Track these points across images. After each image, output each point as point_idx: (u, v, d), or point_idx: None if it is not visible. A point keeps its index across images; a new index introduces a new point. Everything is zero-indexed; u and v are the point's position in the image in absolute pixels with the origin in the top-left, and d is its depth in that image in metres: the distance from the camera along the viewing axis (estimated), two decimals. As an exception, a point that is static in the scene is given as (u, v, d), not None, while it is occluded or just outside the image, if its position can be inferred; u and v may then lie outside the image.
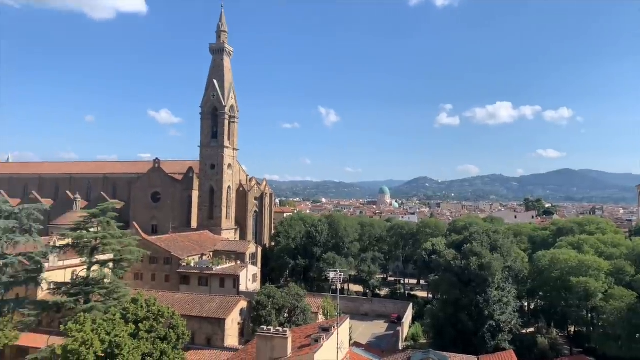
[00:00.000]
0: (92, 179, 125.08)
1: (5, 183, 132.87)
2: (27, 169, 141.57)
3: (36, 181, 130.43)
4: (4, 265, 44.06)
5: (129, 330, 33.00)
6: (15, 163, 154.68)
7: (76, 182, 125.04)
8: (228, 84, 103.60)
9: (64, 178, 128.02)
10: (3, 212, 46.18)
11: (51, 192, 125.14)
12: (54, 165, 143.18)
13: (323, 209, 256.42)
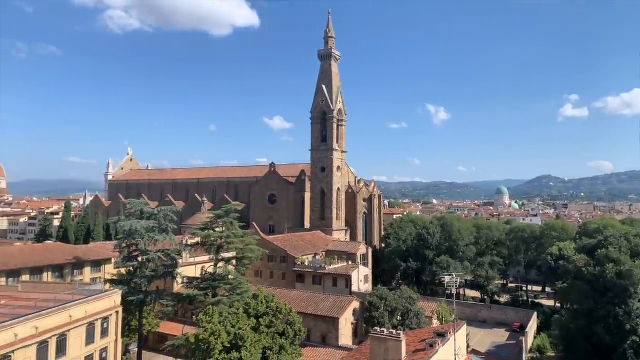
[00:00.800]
0: (216, 183, 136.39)
1: (145, 188, 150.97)
2: (162, 175, 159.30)
3: (170, 186, 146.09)
4: (147, 261, 49.86)
5: (250, 324, 35.22)
6: (153, 170, 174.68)
7: (203, 186, 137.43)
8: (336, 88, 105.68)
9: (193, 182, 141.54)
10: (145, 214, 52.31)
11: (182, 195, 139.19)
12: (185, 171, 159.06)
13: (434, 210, 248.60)
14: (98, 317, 36.23)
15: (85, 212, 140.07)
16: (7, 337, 27.85)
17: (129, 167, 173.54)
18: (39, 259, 54.95)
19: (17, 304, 32.80)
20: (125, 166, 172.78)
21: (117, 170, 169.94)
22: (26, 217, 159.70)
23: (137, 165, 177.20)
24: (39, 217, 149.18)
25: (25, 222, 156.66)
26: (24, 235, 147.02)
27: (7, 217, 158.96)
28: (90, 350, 35.21)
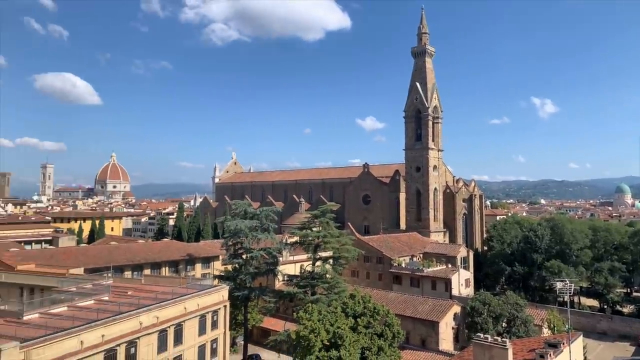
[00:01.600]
0: (312, 184, 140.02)
1: (248, 189, 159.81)
2: (263, 177, 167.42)
3: (270, 187, 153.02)
4: (251, 258, 52.79)
5: (348, 323, 35.61)
6: (255, 173, 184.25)
7: (300, 187, 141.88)
8: (430, 85, 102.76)
9: (291, 184, 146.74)
10: (248, 214, 55.42)
11: (281, 196, 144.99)
12: (283, 173, 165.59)
13: (542, 211, 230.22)
14: (209, 310, 39.12)
15: (196, 212, 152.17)
16: (133, 325, 31.24)
17: (233, 170, 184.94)
18: (158, 255, 60.83)
19: (141, 295, 36.61)
20: (230, 169, 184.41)
21: (223, 174, 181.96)
22: (146, 217, 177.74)
23: (240, 168, 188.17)
24: (157, 217, 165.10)
25: (146, 221, 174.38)
26: (145, 233, 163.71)
27: (131, 217, 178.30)
28: (202, 340, 38.16)
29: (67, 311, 32.18)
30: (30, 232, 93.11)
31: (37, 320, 29.84)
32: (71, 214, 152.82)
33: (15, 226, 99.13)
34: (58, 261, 51.86)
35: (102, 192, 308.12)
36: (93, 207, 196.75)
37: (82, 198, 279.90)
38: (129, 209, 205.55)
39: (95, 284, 40.64)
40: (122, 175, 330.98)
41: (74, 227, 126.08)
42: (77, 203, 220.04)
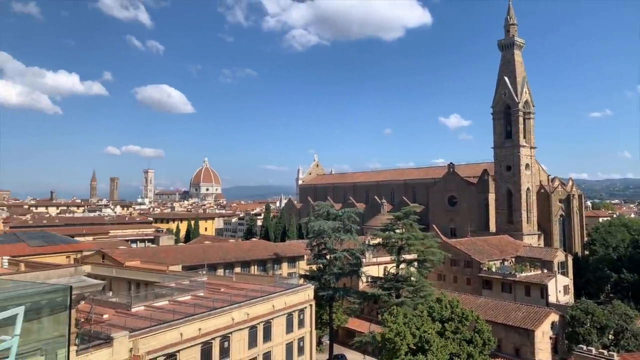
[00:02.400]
0: (394, 185, 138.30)
1: (330, 191, 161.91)
2: (344, 179, 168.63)
3: (351, 188, 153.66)
4: (334, 259, 53.48)
5: (435, 328, 34.72)
6: (336, 174, 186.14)
7: (382, 189, 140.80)
8: (520, 79, 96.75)
9: (372, 185, 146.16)
10: (331, 215, 56.20)
11: (363, 197, 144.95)
12: (364, 174, 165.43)
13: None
14: (295, 309, 40.27)
15: (281, 213, 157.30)
16: (226, 320, 33.11)
17: (315, 172, 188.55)
18: (247, 254, 63.82)
19: (232, 292, 38.68)
20: (312, 171, 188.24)
21: (306, 176, 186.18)
22: (236, 218, 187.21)
23: (322, 170, 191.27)
24: (245, 217, 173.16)
25: (236, 222, 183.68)
26: (235, 233, 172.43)
27: (222, 218, 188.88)
28: (289, 338, 39.38)
29: (168, 305, 34.94)
30: (135, 231, 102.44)
31: (143, 312, 32.75)
32: (169, 215, 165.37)
33: (122, 226, 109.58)
34: (159, 258, 56.46)
35: (196, 195, 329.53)
36: (188, 209, 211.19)
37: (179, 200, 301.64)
38: (220, 210, 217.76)
39: (192, 280, 43.61)
40: (214, 178, 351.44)
41: (172, 227, 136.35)
42: (174, 205, 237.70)
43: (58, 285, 7.14)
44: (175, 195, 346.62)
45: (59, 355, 8.14)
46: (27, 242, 53.25)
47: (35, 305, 6.43)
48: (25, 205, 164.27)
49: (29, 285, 7.53)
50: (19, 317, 4.85)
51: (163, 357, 27.76)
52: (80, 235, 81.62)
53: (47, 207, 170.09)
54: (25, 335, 5.89)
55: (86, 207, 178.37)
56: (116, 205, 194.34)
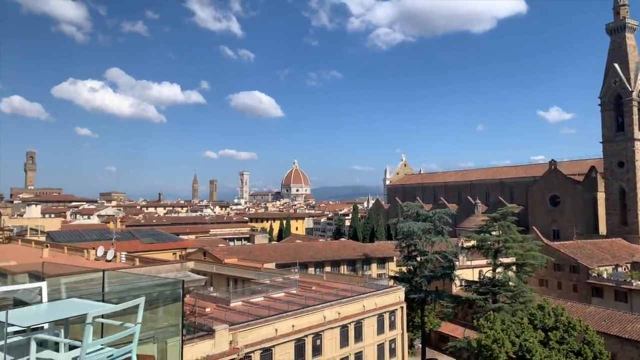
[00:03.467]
0: (489, 185, 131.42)
1: (419, 191, 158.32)
2: (434, 178, 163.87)
3: (442, 188, 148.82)
4: (425, 261, 52.20)
5: (538, 336, 32.46)
6: (425, 174, 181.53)
7: (475, 188, 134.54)
8: (634, 65, 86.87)
9: (465, 185, 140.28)
10: (420, 216, 54.94)
11: (454, 197, 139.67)
12: (455, 174, 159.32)
13: None
14: (386, 310, 39.99)
15: (369, 213, 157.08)
16: (318, 318, 33.86)
17: (403, 172, 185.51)
18: (337, 254, 64.68)
19: (323, 291, 39.44)
20: (400, 171, 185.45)
21: (393, 176, 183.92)
22: (325, 218, 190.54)
23: (410, 170, 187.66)
24: (334, 218, 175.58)
25: (325, 221, 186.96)
26: (324, 232, 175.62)
27: (312, 218, 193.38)
28: (380, 339, 39.20)
29: (263, 301, 36.59)
30: (232, 230, 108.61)
31: (240, 307, 34.66)
32: (263, 215, 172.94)
33: (221, 225, 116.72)
34: (254, 256, 59.31)
35: (287, 195, 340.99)
36: (280, 209, 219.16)
37: (272, 201, 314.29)
38: (309, 210, 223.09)
39: (285, 278, 45.22)
40: (304, 179, 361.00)
41: (266, 227, 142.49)
42: (267, 205, 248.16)
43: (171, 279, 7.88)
44: (268, 196, 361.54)
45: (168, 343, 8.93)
46: (140, 239, 58.82)
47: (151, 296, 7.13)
48: (138, 206, 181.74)
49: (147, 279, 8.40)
50: (140, 306, 5.40)
51: (260, 351, 29.14)
52: (184, 233, 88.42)
53: (156, 207, 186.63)
54: (142, 324, 6.52)
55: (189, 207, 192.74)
56: (215, 205, 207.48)
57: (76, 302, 6.01)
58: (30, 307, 6.25)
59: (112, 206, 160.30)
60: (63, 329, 5.66)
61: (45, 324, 5.65)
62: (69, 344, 5.42)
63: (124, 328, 5.54)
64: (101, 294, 6.59)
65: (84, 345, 4.74)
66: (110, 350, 5.19)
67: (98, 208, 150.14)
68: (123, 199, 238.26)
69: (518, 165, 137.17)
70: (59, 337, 5.48)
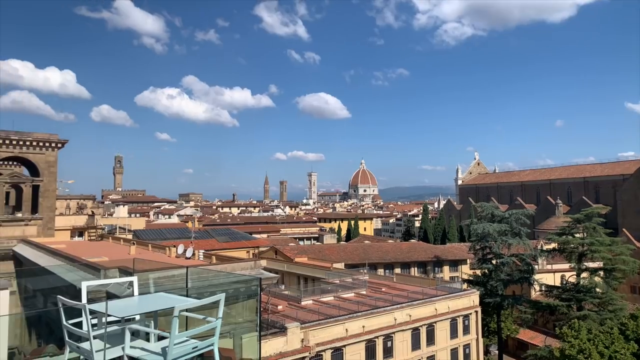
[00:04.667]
0: (571, 184, 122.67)
1: (494, 191, 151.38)
2: (510, 177, 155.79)
3: (519, 188, 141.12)
4: (501, 264, 49.79)
5: (631, 348, 29.83)
6: (500, 173, 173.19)
7: (555, 188, 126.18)
8: None
9: (544, 184, 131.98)
10: (496, 217, 52.50)
11: (532, 197, 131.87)
12: (533, 172, 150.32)
13: None
14: (459, 314, 38.71)
15: (440, 214, 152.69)
16: (388, 320, 33.52)
17: (476, 171, 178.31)
18: (407, 255, 63.60)
19: (393, 292, 38.96)
20: (473, 170, 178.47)
21: (466, 175, 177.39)
22: (393, 219, 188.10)
23: (484, 169, 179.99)
24: (403, 218, 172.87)
25: (393, 222, 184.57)
26: (393, 233, 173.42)
27: (380, 218, 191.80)
28: (454, 344, 38.01)
29: (334, 300, 36.87)
30: (302, 230, 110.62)
31: (311, 305, 35.18)
32: (331, 215, 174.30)
33: (291, 225, 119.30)
34: (324, 256, 59.93)
35: (354, 196, 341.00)
36: (348, 209, 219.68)
37: (339, 201, 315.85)
38: (377, 210, 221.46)
39: (354, 278, 45.25)
40: (371, 180, 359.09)
41: (334, 227, 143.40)
42: (335, 205, 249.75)
43: (249, 276, 8.21)
44: (336, 197, 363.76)
45: (243, 339, 9.28)
46: (216, 238, 61.60)
47: (228, 293, 7.48)
48: (214, 206, 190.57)
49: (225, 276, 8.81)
50: (221, 302, 5.67)
51: (331, 350, 29.40)
52: (256, 232, 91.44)
53: (230, 207, 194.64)
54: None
55: (261, 207, 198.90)
56: (285, 205, 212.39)
57: (163, 296, 6.45)
58: (123, 299, 6.79)
59: (190, 206, 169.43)
60: (152, 321, 6.10)
61: (137, 315, 6.12)
62: (158, 335, 5.84)
63: (206, 322, 5.86)
64: (185, 289, 7.02)
65: (172, 336, 5.08)
66: (195, 342, 5.51)
67: (177, 208, 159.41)
68: (200, 199, 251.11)
69: (604, 163, 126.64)
70: (150, 328, 5.92)
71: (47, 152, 43.31)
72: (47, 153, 43.34)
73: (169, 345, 5.09)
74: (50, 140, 43.26)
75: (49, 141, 43.14)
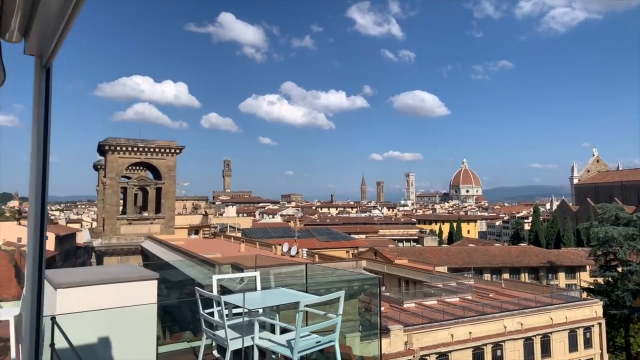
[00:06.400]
0: None
1: (617, 190, 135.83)
2: (636, 175, 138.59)
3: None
4: (629, 272, 44.45)
5: None
6: (625, 170, 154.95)
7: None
8: None
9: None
10: (621, 219, 47.05)
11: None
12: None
13: None
14: (579, 325, 35.36)
15: (553, 216, 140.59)
16: (497, 327, 31.72)
17: (595, 169, 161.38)
18: (516, 260, 59.62)
19: (502, 299, 36.76)
20: (591, 168, 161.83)
21: (583, 173, 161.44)
22: (500, 221, 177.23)
23: (604, 166, 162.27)
24: (510, 221, 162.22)
25: (500, 225, 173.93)
26: (499, 237, 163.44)
27: (485, 220, 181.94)
28: (573, 357, 34.83)
29: (437, 305, 35.83)
30: (400, 231, 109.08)
31: (413, 308, 34.56)
32: (431, 217, 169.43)
33: (389, 226, 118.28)
34: (425, 258, 58.48)
35: (456, 197, 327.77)
36: (449, 211, 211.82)
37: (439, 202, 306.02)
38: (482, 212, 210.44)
39: (459, 282, 43.53)
40: (474, 179, 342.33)
41: (434, 229, 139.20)
42: (435, 207, 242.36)
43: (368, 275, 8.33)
44: (436, 197, 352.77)
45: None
46: (317, 237, 63.23)
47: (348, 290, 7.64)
48: (313, 207, 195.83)
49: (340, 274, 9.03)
50: (341, 299, 5.82)
51: (435, 355, 28.63)
52: (354, 233, 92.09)
53: (329, 208, 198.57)
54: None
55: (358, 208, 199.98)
56: (383, 206, 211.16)
57: (286, 291, 6.80)
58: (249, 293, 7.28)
59: (292, 207, 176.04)
60: (277, 314, 6.46)
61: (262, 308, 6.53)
62: (282, 327, 6.17)
63: (327, 318, 6.06)
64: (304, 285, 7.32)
65: (298, 330, 5.34)
66: (317, 337, 5.73)
67: (280, 208, 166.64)
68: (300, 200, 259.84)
69: None
70: (275, 320, 6.28)
71: (168, 157, 47.92)
72: (168, 158, 47.94)
73: (295, 338, 5.35)
74: (170, 147, 47.80)
75: (169, 147, 47.70)
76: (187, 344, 7.13)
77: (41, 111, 2.87)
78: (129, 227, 45.28)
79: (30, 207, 2.83)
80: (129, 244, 43.47)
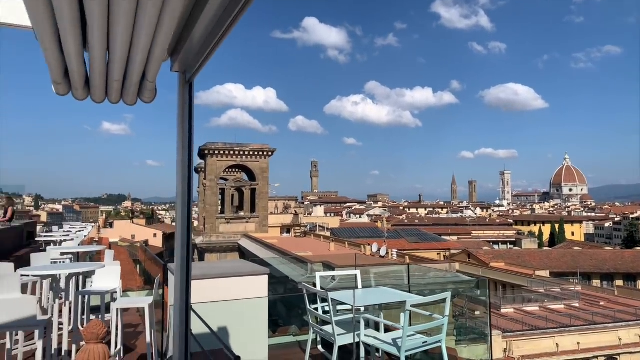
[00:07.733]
0: None
1: None
2: None
3: None
4: None
5: None
6: None
7: None
8: None
9: None
10: None
11: None
12: None
13: None
14: None
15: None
16: (611, 339, 28.86)
17: None
18: (631, 266, 53.78)
19: (615, 308, 33.34)
20: None
21: None
22: (610, 222, 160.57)
23: None
24: (623, 222, 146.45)
25: (610, 227, 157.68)
26: (609, 240, 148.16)
27: (592, 222, 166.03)
28: None
29: (539, 311, 33.48)
30: (495, 233, 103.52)
31: (512, 314, 32.65)
32: (530, 218, 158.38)
33: (483, 227, 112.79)
34: (523, 262, 54.89)
35: (557, 196, 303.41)
36: (550, 211, 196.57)
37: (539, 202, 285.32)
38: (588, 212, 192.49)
39: (563, 288, 40.31)
40: (578, 177, 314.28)
41: (534, 230, 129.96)
42: (534, 207, 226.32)
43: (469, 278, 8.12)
44: (534, 197, 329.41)
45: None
46: (406, 238, 62.21)
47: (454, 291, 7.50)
48: (400, 207, 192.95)
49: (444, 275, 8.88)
50: (448, 300, 5.75)
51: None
52: (445, 234, 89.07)
53: (417, 208, 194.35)
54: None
55: (449, 208, 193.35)
56: (476, 207, 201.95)
57: (388, 290, 6.85)
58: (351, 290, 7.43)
59: (379, 207, 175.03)
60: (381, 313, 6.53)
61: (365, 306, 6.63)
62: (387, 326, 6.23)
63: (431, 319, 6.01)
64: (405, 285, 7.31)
65: (405, 329, 5.36)
66: (424, 337, 5.71)
67: (367, 208, 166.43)
68: (387, 200, 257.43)
69: None
70: (380, 318, 6.36)
71: (261, 159, 50.19)
72: (261, 161, 50.22)
73: (402, 337, 5.38)
74: (263, 150, 50.01)
75: (262, 150, 49.94)
76: (293, 337, 7.47)
77: (185, 121, 3.24)
78: (227, 225, 48.14)
79: (177, 209, 3.20)
80: (227, 241, 46.24)
